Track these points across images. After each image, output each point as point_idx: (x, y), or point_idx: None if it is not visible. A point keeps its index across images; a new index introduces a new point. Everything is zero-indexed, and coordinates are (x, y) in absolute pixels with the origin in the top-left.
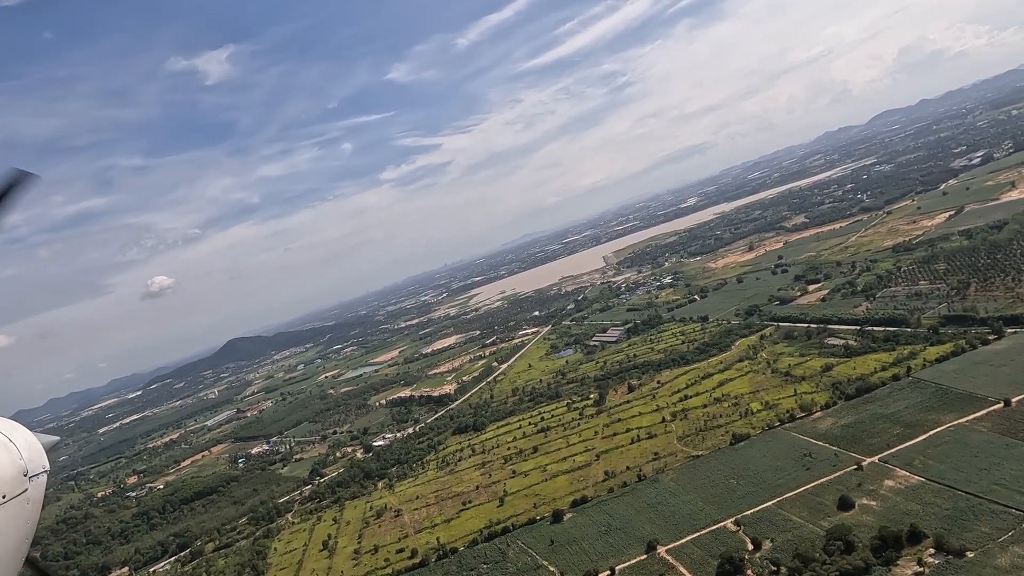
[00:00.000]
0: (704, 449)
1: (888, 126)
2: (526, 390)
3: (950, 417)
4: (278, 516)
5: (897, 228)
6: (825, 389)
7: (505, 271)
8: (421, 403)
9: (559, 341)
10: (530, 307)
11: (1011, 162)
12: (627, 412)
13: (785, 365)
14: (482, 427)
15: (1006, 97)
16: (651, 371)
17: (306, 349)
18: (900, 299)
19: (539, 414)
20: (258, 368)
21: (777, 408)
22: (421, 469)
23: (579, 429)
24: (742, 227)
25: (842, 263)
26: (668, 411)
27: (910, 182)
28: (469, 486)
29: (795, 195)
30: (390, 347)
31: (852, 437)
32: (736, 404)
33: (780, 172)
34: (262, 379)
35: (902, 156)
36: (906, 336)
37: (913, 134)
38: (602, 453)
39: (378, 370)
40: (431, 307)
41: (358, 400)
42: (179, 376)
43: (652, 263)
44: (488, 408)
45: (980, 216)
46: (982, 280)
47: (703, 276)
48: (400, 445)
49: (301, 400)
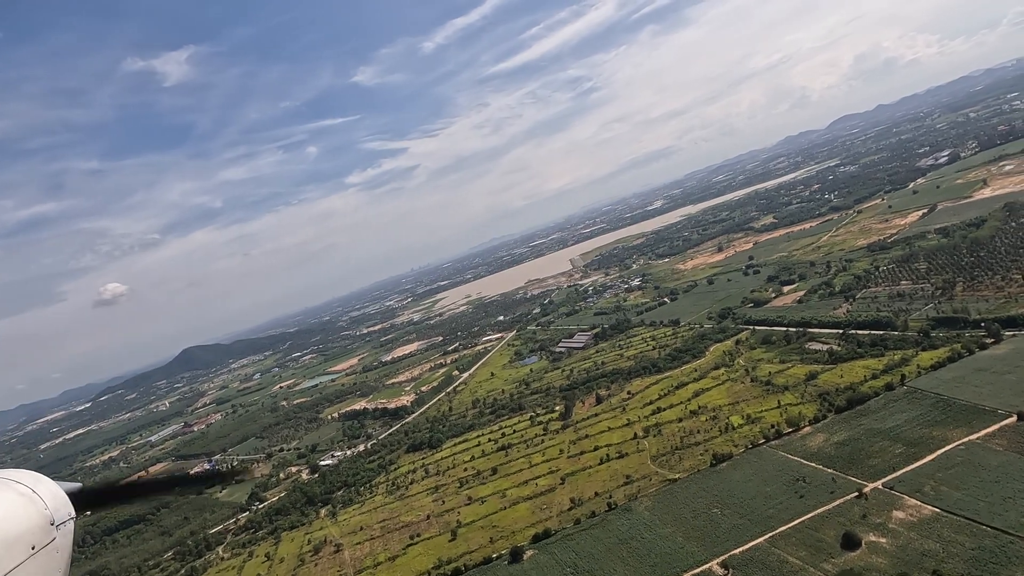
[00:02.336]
0: (681, 471)
1: (847, 130)
2: (487, 401)
3: (958, 433)
4: (208, 550)
5: (869, 227)
6: (812, 400)
7: (471, 275)
8: (376, 416)
9: (523, 348)
10: (495, 311)
11: (978, 161)
12: (595, 427)
13: (765, 373)
14: (438, 444)
15: (961, 101)
16: (620, 380)
17: (265, 357)
18: (882, 300)
19: (500, 429)
20: (214, 378)
21: (760, 422)
22: (369, 493)
23: (543, 447)
24: (710, 228)
25: (816, 263)
26: (640, 426)
27: (878, 182)
28: (419, 515)
29: (762, 196)
30: (350, 354)
31: (849, 457)
32: (714, 418)
33: (744, 175)
34: (216, 389)
35: (865, 157)
36: (894, 340)
37: (874, 137)
38: (568, 476)
39: (335, 379)
40: (395, 312)
41: (310, 413)
42: (132, 387)
43: (620, 265)
44: (446, 422)
45: (955, 214)
46: (968, 279)
47: (672, 278)
48: (349, 465)
49: (251, 413)
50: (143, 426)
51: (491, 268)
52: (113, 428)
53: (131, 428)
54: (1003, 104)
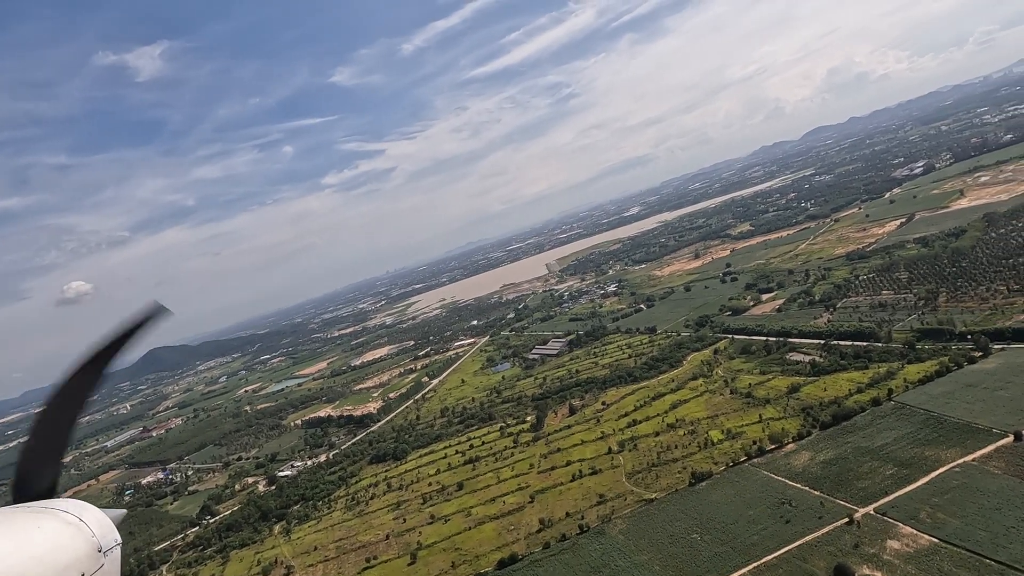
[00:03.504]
0: (658, 490)
1: (821, 141)
2: (456, 410)
3: (952, 454)
4: (151, 569)
5: (847, 236)
6: (795, 415)
7: (447, 278)
8: (340, 424)
9: (496, 354)
10: (469, 316)
11: (953, 172)
12: (568, 440)
13: (745, 385)
14: (403, 455)
15: (932, 115)
16: (595, 389)
17: (233, 359)
18: (864, 310)
19: (468, 440)
20: (179, 380)
21: (741, 438)
22: (327, 509)
23: (512, 460)
24: (686, 235)
25: (794, 271)
26: (615, 439)
27: (854, 191)
28: (378, 534)
29: (738, 204)
30: (320, 358)
31: (837, 479)
32: (693, 432)
33: (721, 183)
34: (180, 392)
35: (840, 167)
36: (878, 352)
37: (848, 148)
38: (538, 493)
39: (302, 383)
40: (368, 315)
41: (273, 419)
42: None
43: (596, 271)
44: (412, 431)
45: (933, 224)
46: (952, 290)
47: (649, 284)
48: (308, 476)
49: (213, 418)
50: (101, 430)
51: (467, 272)
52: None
53: (89, 432)
54: (973, 118)
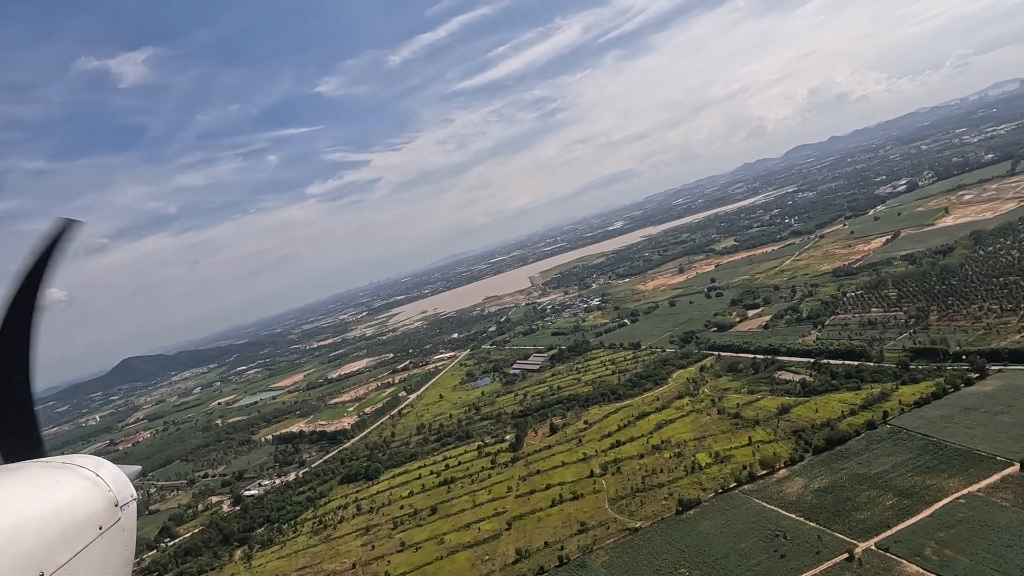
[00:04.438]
0: (643, 519)
1: (803, 159)
2: (433, 427)
3: (955, 483)
4: None
5: (833, 252)
6: (786, 437)
7: (429, 290)
8: (312, 440)
9: (476, 368)
10: (450, 328)
11: (936, 190)
12: (548, 461)
13: (733, 404)
14: (376, 475)
15: (911, 135)
16: (577, 407)
17: (208, 370)
18: (853, 328)
19: (444, 460)
20: (152, 391)
21: (730, 462)
22: (292, 532)
23: (489, 482)
24: (671, 249)
25: (780, 287)
26: (597, 461)
27: (837, 208)
28: (344, 562)
29: (722, 219)
30: (296, 370)
31: (833, 509)
32: (679, 454)
33: (704, 198)
34: (152, 404)
35: (822, 185)
36: (870, 372)
37: (829, 165)
38: (515, 519)
39: (277, 396)
40: (348, 326)
41: (244, 434)
42: (65, 398)
43: (579, 284)
44: (387, 449)
45: (919, 241)
46: (943, 308)
47: (633, 298)
48: (275, 496)
49: (183, 431)
50: (68, 442)
51: (450, 283)
52: None
53: (55, 444)
54: (952, 138)
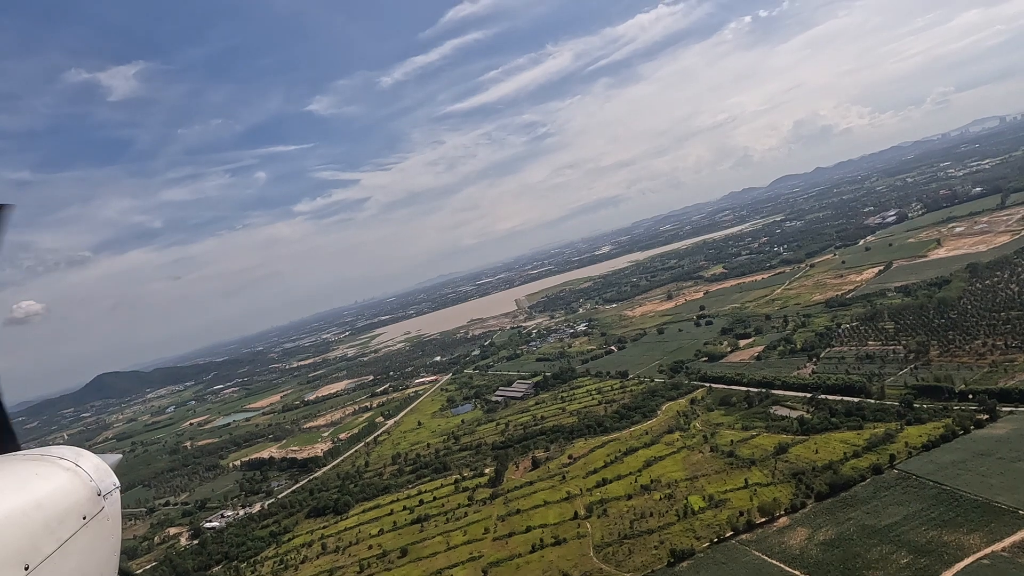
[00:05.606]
0: (632, 569)
1: (789, 189)
2: (409, 457)
3: (975, 540)
4: None
5: (824, 282)
6: (785, 480)
7: (414, 311)
8: (282, 467)
9: (457, 394)
10: (433, 351)
11: (926, 221)
12: (529, 499)
13: (727, 441)
14: (345, 509)
15: (896, 167)
16: (561, 440)
17: (184, 388)
18: (850, 361)
19: (419, 494)
20: (126, 408)
21: (726, 507)
22: (251, 573)
23: (466, 522)
24: (658, 275)
25: (772, 316)
26: (582, 501)
27: (827, 237)
28: None
29: (710, 246)
30: (274, 390)
31: (843, 566)
32: (670, 496)
33: (691, 225)
34: (124, 422)
35: (810, 214)
36: (872, 410)
37: (815, 196)
38: (491, 566)
39: (251, 418)
40: (330, 346)
41: (212, 458)
42: (35, 414)
43: (565, 308)
44: (359, 480)
45: (912, 272)
46: (943, 343)
47: (620, 325)
48: (237, 530)
49: (151, 453)
50: None
51: (435, 305)
52: None
53: None
54: (937, 171)
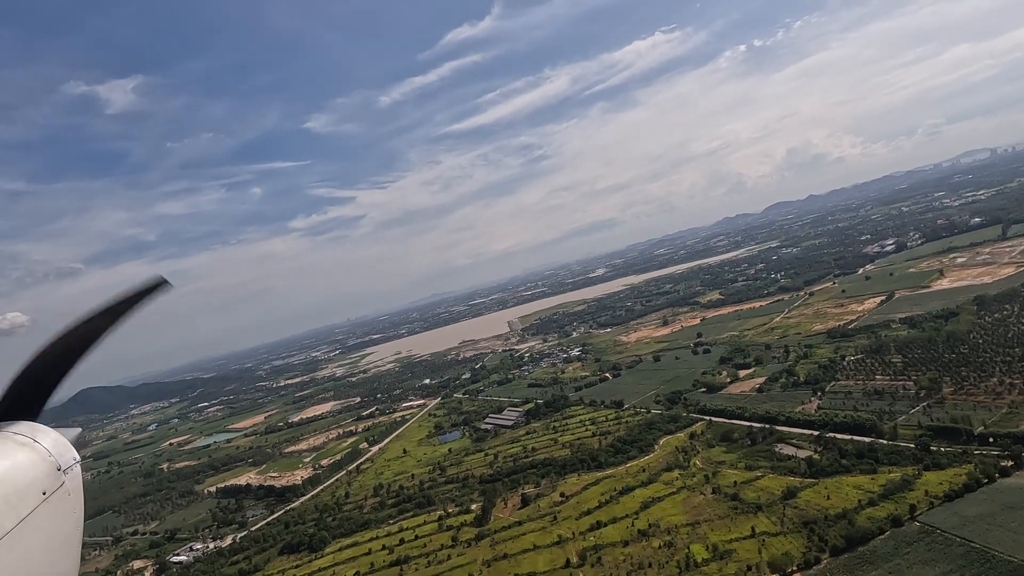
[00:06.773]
0: None
1: (783, 215)
2: (392, 488)
3: None
4: None
5: (824, 311)
6: (795, 530)
7: (406, 330)
8: (259, 495)
9: (446, 420)
10: (422, 373)
11: (927, 251)
12: (518, 541)
13: (730, 482)
14: (321, 546)
15: (889, 196)
16: (553, 474)
17: (169, 405)
18: (857, 397)
19: (400, 531)
20: (108, 425)
21: (732, 558)
22: None
23: (448, 566)
24: (654, 299)
25: (772, 346)
26: (574, 546)
27: (824, 265)
28: None
29: (705, 271)
30: (259, 410)
31: None
32: (671, 544)
33: (686, 249)
34: (103, 440)
35: (806, 241)
36: (885, 451)
37: (810, 223)
38: None
39: (232, 439)
40: (319, 364)
41: (187, 483)
42: None
43: (559, 332)
44: (338, 512)
45: (916, 303)
46: (957, 380)
47: (615, 350)
48: (205, 567)
49: (125, 475)
50: None
51: (427, 324)
52: None
53: None
54: (932, 201)
